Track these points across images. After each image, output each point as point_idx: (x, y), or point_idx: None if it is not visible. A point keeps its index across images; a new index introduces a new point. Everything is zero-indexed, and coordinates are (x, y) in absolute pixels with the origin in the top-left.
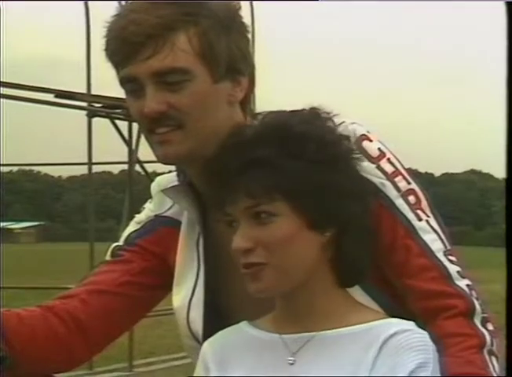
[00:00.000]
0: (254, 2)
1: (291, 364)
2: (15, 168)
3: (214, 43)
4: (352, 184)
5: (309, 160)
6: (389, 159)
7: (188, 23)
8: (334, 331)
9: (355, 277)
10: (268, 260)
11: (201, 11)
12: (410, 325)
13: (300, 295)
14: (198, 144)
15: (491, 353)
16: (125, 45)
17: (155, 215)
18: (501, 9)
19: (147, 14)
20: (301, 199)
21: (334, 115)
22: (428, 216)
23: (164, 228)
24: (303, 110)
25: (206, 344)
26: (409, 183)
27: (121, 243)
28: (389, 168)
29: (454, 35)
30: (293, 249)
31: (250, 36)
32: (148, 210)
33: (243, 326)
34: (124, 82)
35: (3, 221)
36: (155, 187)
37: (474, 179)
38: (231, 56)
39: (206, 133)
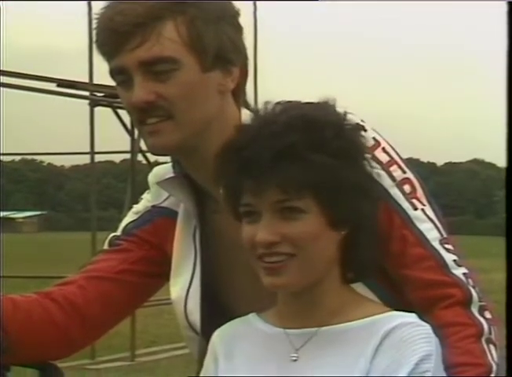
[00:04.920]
0: (256, 2)
1: (294, 360)
2: (17, 157)
3: (202, 32)
4: (368, 183)
5: (331, 153)
6: (383, 149)
7: (176, 12)
8: (337, 326)
9: (362, 274)
10: (296, 253)
11: (189, 0)
12: (412, 317)
13: (308, 291)
14: (188, 135)
15: (489, 341)
16: (112, 35)
17: (153, 206)
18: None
19: (134, 4)
20: (328, 197)
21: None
22: (424, 205)
23: (161, 219)
24: (318, 102)
25: (215, 334)
26: (404, 172)
27: (118, 233)
28: (383, 157)
29: (455, 25)
30: (317, 246)
31: (252, 35)
32: (146, 200)
33: (251, 318)
34: (114, 73)
35: (5, 210)
36: (152, 178)
37: (477, 168)
38: (220, 45)
39: (196, 124)
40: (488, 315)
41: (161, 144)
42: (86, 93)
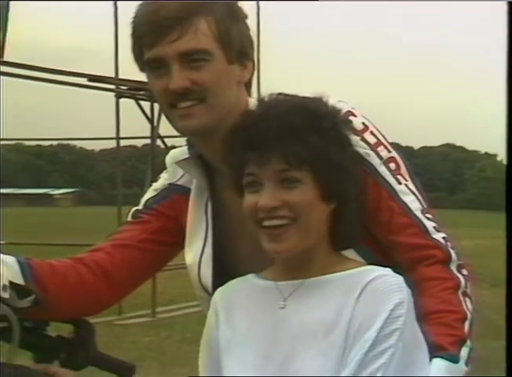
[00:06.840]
0: (259, 2)
1: (282, 308)
2: (54, 142)
3: (229, 29)
4: (353, 168)
5: (327, 140)
6: (371, 132)
7: (206, 10)
8: (320, 277)
9: (347, 243)
10: (294, 217)
11: (213, 0)
12: (387, 271)
13: (301, 255)
14: (216, 118)
15: (465, 294)
16: (155, 27)
17: (169, 183)
18: None
19: (172, 1)
20: (322, 173)
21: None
22: (406, 180)
23: (177, 195)
24: (314, 97)
25: (217, 292)
26: (390, 151)
27: (140, 207)
28: (371, 139)
29: (441, 19)
30: (312, 214)
31: (255, 36)
32: (163, 179)
33: (249, 277)
34: (150, 61)
35: (44, 187)
36: (169, 159)
37: (449, 151)
38: (242, 42)
39: (223, 108)
40: (464, 272)
41: (192, 126)
42: (112, 87)
